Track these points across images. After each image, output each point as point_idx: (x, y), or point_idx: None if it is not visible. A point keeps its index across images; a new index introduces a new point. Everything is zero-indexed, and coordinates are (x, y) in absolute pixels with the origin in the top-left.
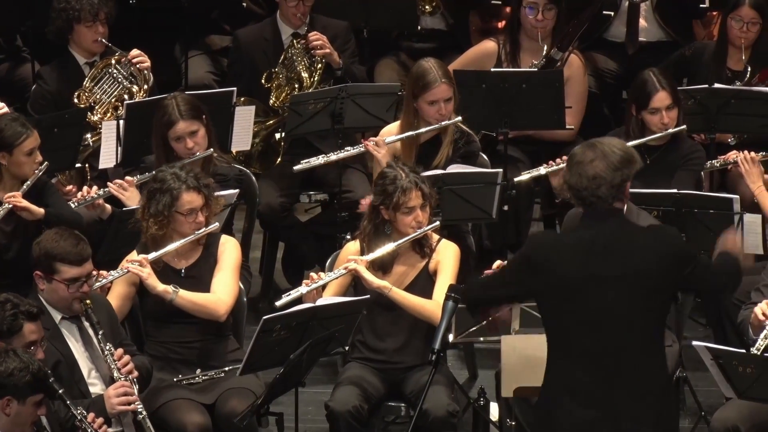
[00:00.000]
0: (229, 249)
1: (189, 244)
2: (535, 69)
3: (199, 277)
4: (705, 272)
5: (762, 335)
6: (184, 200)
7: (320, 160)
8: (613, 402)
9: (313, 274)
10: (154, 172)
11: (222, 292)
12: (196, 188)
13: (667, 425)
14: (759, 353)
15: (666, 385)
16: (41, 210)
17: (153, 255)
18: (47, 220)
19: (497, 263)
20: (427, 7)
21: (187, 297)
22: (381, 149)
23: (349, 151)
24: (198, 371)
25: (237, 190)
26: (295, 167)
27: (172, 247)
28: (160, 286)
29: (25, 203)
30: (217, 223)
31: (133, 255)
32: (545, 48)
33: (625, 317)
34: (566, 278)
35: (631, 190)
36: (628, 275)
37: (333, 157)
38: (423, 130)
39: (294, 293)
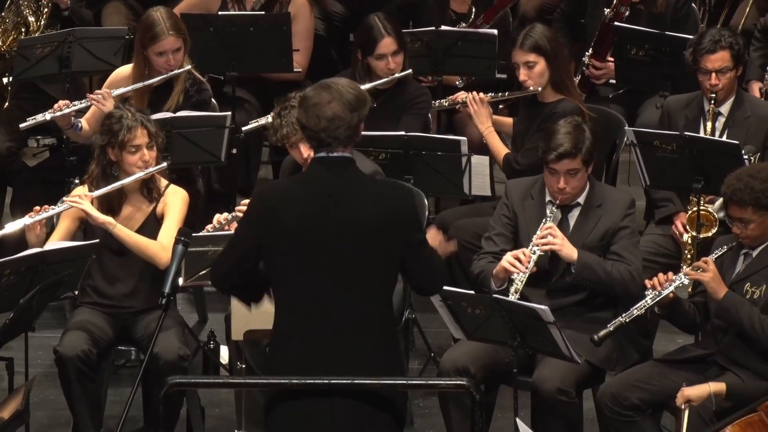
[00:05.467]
0: None
1: None
2: (262, 12)
3: None
4: (428, 258)
5: (513, 289)
6: None
7: (46, 116)
8: (338, 350)
9: (37, 207)
10: None
11: None
12: None
13: (394, 370)
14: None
15: (392, 332)
16: None
17: None
18: None
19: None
20: None
21: None
22: (107, 102)
23: (76, 105)
24: None
25: None
26: (21, 125)
27: None
28: None
29: None
30: None
31: None
32: None
33: (348, 266)
34: (290, 226)
35: None
36: (352, 225)
37: (58, 113)
38: (151, 81)
39: (18, 224)
